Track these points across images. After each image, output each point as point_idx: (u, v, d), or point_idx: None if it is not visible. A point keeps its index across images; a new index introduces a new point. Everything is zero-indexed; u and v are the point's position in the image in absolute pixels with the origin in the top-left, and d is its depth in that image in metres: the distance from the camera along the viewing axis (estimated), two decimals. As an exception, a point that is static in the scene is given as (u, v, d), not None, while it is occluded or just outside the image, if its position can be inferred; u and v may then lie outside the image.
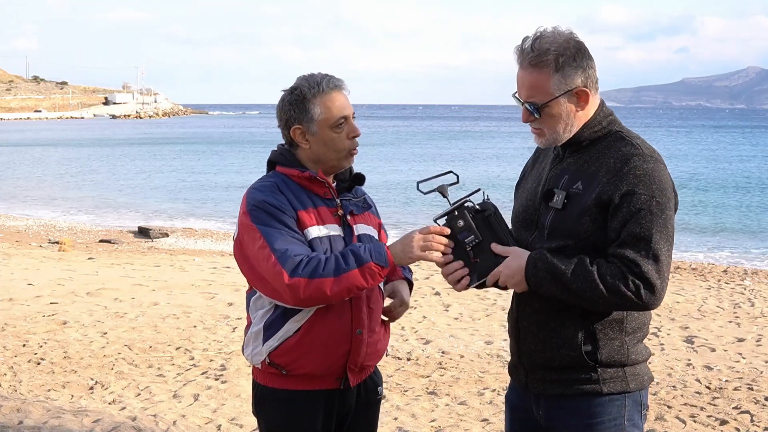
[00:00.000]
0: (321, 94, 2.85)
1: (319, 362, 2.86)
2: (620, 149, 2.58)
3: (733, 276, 12.66)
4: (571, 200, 2.58)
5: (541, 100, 2.59)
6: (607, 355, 2.60)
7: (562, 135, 2.63)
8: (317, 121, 2.85)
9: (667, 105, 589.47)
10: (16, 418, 5.47)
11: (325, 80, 2.88)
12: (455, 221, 2.68)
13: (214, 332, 8.26)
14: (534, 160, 2.90)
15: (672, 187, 2.59)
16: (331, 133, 2.87)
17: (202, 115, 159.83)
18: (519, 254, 2.62)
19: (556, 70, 2.56)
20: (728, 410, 6.03)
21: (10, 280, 10.89)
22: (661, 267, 2.49)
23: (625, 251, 2.48)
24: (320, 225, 2.85)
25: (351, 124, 2.91)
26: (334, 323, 2.84)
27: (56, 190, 29.61)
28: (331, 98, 2.86)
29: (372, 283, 2.73)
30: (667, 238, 2.51)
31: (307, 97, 2.86)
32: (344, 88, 2.91)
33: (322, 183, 2.90)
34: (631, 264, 2.47)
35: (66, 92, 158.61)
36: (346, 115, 2.88)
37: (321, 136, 2.87)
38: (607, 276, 2.47)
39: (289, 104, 2.89)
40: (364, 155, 46.30)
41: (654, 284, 2.48)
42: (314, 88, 2.86)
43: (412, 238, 2.72)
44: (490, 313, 9.00)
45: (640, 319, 2.65)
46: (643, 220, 2.48)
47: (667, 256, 2.51)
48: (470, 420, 5.80)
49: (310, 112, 2.86)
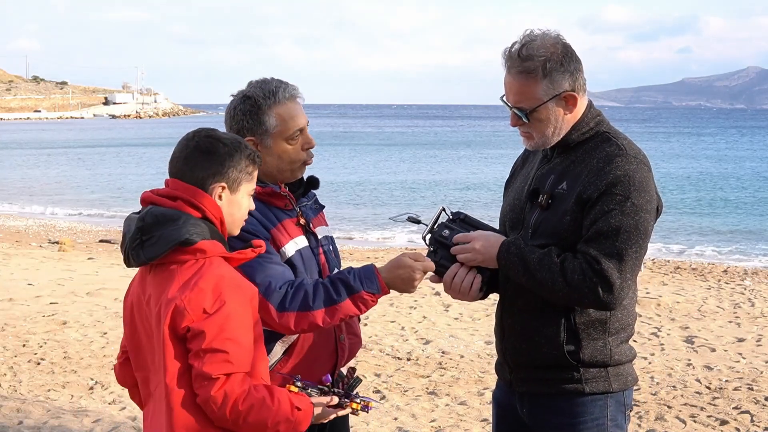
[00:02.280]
0: (276, 105, 2.72)
1: (309, 373, 2.78)
2: (605, 150, 2.59)
3: (733, 276, 12.66)
4: (555, 200, 2.60)
5: (529, 106, 2.60)
6: (589, 355, 2.61)
7: (551, 138, 2.64)
8: (272, 134, 2.72)
9: (667, 105, 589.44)
10: (16, 418, 5.48)
11: (281, 89, 2.74)
12: (441, 233, 2.72)
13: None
14: (523, 160, 2.91)
15: (654, 190, 2.59)
16: (286, 145, 2.74)
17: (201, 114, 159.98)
18: (495, 234, 2.68)
19: (544, 76, 2.57)
20: (728, 410, 6.03)
21: (10, 280, 10.89)
22: (624, 267, 2.48)
23: (590, 248, 2.49)
24: (291, 240, 2.77)
25: (306, 134, 2.79)
26: (321, 336, 2.82)
27: (56, 190, 29.61)
28: (287, 109, 2.73)
29: (364, 309, 2.62)
30: (636, 240, 2.50)
31: (262, 107, 2.71)
32: (299, 97, 2.79)
33: (283, 196, 2.79)
34: (593, 261, 2.48)
35: (66, 92, 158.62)
36: (301, 127, 2.76)
37: (275, 148, 2.73)
38: (568, 270, 2.49)
39: (241, 113, 2.73)
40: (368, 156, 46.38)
41: (612, 283, 2.47)
42: (270, 98, 2.71)
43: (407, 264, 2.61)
44: (490, 313, 9.00)
45: (624, 319, 2.65)
46: (612, 219, 2.48)
47: (634, 257, 2.50)
48: (470, 420, 5.80)
49: (265, 124, 2.71)
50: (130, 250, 2.35)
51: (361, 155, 47.91)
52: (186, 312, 2.25)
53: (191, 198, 2.36)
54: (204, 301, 2.26)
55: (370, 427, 5.62)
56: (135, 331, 2.45)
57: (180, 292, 2.27)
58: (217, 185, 2.39)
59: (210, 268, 2.30)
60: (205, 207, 2.37)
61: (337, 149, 52.44)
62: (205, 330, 2.24)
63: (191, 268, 2.31)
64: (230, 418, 2.26)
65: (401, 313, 9.09)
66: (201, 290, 2.26)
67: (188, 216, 2.34)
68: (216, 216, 2.39)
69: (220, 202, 2.41)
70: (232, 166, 2.40)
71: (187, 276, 2.30)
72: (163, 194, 2.40)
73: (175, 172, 2.42)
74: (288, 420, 2.31)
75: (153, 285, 2.36)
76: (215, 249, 2.34)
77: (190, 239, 2.30)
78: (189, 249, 2.31)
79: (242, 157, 2.42)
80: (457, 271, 2.66)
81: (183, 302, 2.26)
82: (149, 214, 2.35)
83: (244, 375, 2.28)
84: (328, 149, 50.92)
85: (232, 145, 2.41)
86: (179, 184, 2.39)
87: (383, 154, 49.51)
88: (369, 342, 7.80)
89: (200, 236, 2.32)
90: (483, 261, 2.63)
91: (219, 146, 2.40)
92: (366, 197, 26.99)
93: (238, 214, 2.47)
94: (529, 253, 2.55)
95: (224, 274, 2.31)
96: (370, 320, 8.63)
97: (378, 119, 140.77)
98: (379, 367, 7.07)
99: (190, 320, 2.25)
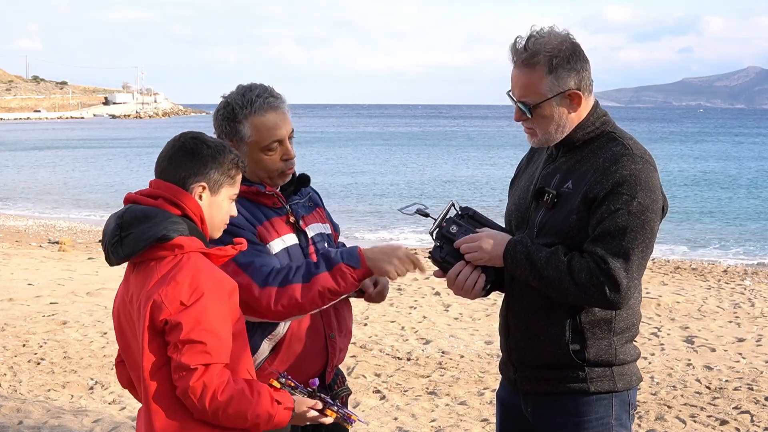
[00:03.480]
0: (252, 115, 2.71)
1: (298, 371, 2.79)
2: (611, 149, 2.59)
3: (733, 276, 12.65)
4: (561, 199, 2.60)
5: (533, 101, 2.60)
6: (594, 354, 2.61)
7: (554, 135, 2.64)
8: (246, 142, 2.73)
9: (667, 105, 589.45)
10: (16, 418, 5.48)
11: (261, 99, 2.72)
12: (448, 229, 2.70)
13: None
14: (528, 159, 2.91)
15: (660, 189, 2.59)
16: (261, 155, 2.74)
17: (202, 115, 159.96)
18: (502, 233, 2.67)
19: (549, 72, 2.57)
20: (728, 410, 6.03)
21: (10, 280, 10.89)
22: (630, 266, 2.49)
23: (596, 247, 2.49)
24: (278, 237, 2.78)
25: (285, 146, 2.77)
26: (309, 334, 2.81)
27: (56, 190, 29.61)
28: (263, 120, 2.72)
29: (344, 285, 2.63)
30: (642, 239, 2.50)
31: (238, 116, 2.72)
32: (280, 107, 2.76)
33: (270, 195, 2.81)
34: (600, 260, 2.48)
35: (66, 92, 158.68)
36: (278, 139, 2.74)
37: (251, 156, 2.73)
38: (575, 269, 2.49)
39: (221, 118, 2.77)
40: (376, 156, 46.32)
41: (619, 283, 2.47)
42: (246, 108, 2.71)
43: (397, 249, 2.66)
44: (490, 313, 9.00)
45: (629, 319, 2.65)
46: (619, 218, 2.49)
47: (641, 257, 2.51)
48: (470, 420, 5.80)
49: (240, 132, 2.73)
50: (110, 248, 2.39)
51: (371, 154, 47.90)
52: (163, 305, 2.27)
53: (171, 196, 2.40)
54: (181, 293, 2.28)
55: (370, 427, 5.62)
56: (123, 331, 2.47)
57: (157, 286, 2.30)
58: (197, 185, 2.43)
59: (188, 262, 2.33)
60: (185, 205, 2.40)
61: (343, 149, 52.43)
62: (182, 321, 2.26)
63: (169, 264, 2.34)
64: (209, 409, 2.27)
65: (401, 313, 9.08)
66: (178, 283, 2.29)
67: (166, 213, 2.37)
68: (196, 214, 2.42)
69: (200, 201, 2.44)
70: (214, 168, 2.43)
71: (165, 271, 2.33)
72: (145, 193, 2.44)
73: (159, 171, 2.46)
74: (268, 413, 2.32)
75: (135, 284, 2.39)
76: (193, 244, 2.36)
77: (167, 235, 2.33)
78: (167, 245, 2.33)
79: (225, 161, 2.45)
80: (461, 270, 2.66)
81: (160, 296, 2.28)
82: (128, 211, 2.39)
83: (223, 366, 2.30)
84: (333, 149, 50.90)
85: (216, 148, 2.46)
86: (161, 183, 2.44)
87: (391, 152, 49.50)
88: (369, 342, 7.80)
89: (177, 232, 2.35)
90: (489, 260, 2.63)
91: (203, 148, 2.44)
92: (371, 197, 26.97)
93: (218, 217, 2.49)
94: (536, 252, 2.55)
95: (202, 268, 2.33)
96: (370, 320, 8.64)
97: (382, 119, 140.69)
98: (379, 367, 7.07)
99: (167, 313, 2.27)
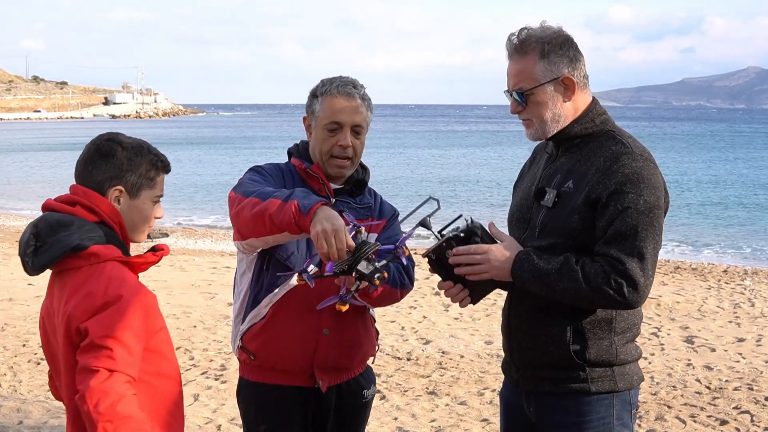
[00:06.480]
0: (326, 95, 2.95)
1: (285, 354, 2.89)
2: (611, 148, 2.60)
3: (733, 276, 12.66)
4: (562, 199, 2.61)
5: (527, 86, 2.62)
6: (595, 354, 2.61)
7: (550, 125, 2.64)
8: (317, 117, 2.97)
9: (667, 105, 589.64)
10: (16, 418, 5.48)
11: (337, 82, 2.97)
12: (444, 252, 2.64)
13: (214, 332, 8.26)
14: (531, 161, 2.93)
15: (662, 186, 2.60)
16: (322, 133, 2.95)
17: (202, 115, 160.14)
18: (511, 245, 2.63)
19: (542, 57, 2.60)
20: (728, 410, 6.03)
21: (10, 280, 10.89)
22: (646, 265, 2.50)
23: (610, 249, 2.50)
24: None
25: (344, 133, 2.93)
26: (297, 313, 2.87)
27: (56, 190, 29.59)
28: (333, 101, 2.94)
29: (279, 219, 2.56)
30: (653, 237, 2.52)
31: (317, 94, 2.99)
32: (354, 97, 2.94)
33: (315, 178, 2.95)
34: (616, 262, 2.49)
35: (66, 92, 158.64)
36: (338, 121, 2.92)
37: (316, 132, 2.97)
38: (591, 274, 2.49)
39: (309, 94, 3.04)
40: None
41: (637, 282, 2.49)
42: (324, 87, 2.97)
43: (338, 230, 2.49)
44: (490, 313, 9.01)
45: (630, 319, 2.66)
46: (629, 218, 2.50)
47: (653, 254, 2.53)
48: (470, 420, 5.80)
49: (313, 106, 2.99)
50: (25, 257, 2.31)
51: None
52: (75, 317, 2.22)
53: (88, 202, 2.33)
54: (92, 302, 2.22)
55: (370, 427, 5.62)
56: (49, 344, 2.40)
57: (70, 297, 2.24)
58: (114, 189, 2.36)
59: (103, 272, 2.26)
60: (102, 211, 2.33)
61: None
62: (89, 327, 2.18)
63: (84, 273, 2.27)
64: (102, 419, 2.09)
65: (401, 313, 9.09)
66: (89, 293, 2.23)
67: (82, 221, 2.30)
68: (114, 220, 2.35)
69: (118, 206, 2.37)
70: (130, 171, 2.37)
71: (79, 281, 2.26)
72: (63, 200, 2.37)
73: (77, 176, 2.40)
74: None
75: (56, 295, 2.33)
76: (109, 253, 2.29)
77: (81, 244, 2.26)
78: (82, 254, 2.27)
79: (142, 162, 2.39)
80: (449, 287, 2.67)
81: (73, 308, 2.22)
82: (43, 220, 2.32)
83: (129, 379, 2.18)
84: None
85: (133, 149, 2.39)
86: (79, 188, 2.37)
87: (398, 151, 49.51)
88: (369, 342, 7.80)
89: (93, 241, 2.28)
90: (497, 276, 2.62)
91: (117, 150, 2.37)
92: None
93: (138, 220, 2.42)
94: (545, 265, 2.54)
95: (115, 276, 2.26)
96: (370, 320, 8.64)
97: (382, 118, 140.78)
98: (379, 367, 7.07)
99: (78, 321, 2.21)
